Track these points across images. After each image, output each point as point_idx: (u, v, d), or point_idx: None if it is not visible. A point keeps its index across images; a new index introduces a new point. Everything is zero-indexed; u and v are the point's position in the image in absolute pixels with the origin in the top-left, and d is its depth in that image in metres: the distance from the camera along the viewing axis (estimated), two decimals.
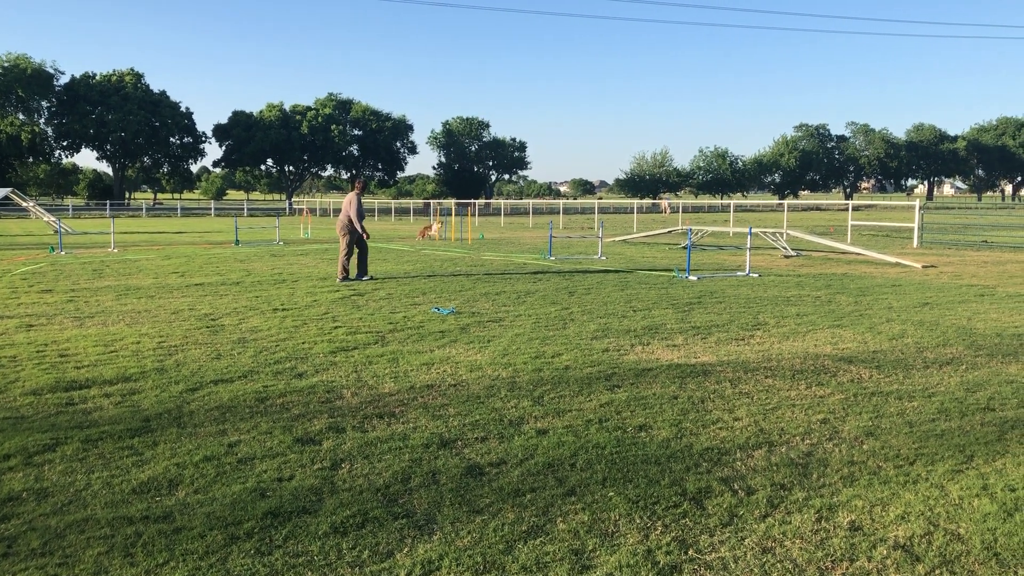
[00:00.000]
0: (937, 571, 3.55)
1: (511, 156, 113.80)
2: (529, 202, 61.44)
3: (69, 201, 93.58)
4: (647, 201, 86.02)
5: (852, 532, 3.93)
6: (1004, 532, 3.92)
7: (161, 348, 8.44)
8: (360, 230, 15.15)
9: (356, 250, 15.29)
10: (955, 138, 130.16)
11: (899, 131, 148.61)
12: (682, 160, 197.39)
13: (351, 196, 15.40)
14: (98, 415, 5.93)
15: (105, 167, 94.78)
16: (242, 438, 5.39)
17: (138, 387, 6.76)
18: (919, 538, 3.86)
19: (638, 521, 4.06)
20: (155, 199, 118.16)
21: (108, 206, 73.88)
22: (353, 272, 15.21)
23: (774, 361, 7.80)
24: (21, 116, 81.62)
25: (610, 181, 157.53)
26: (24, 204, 42.07)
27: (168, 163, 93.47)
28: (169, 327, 9.75)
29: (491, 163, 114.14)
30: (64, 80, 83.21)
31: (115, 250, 23.62)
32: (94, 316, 10.63)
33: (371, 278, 15.27)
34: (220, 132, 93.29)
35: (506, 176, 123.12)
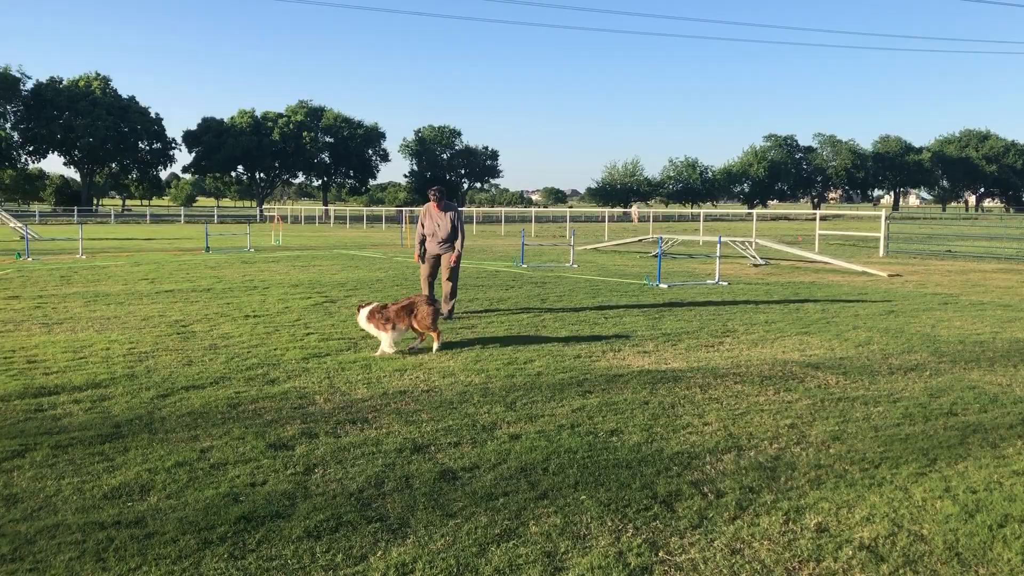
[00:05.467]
0: (901, 571, 3.63)
1: (483, 164, 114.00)
2: (501, 210, 61.54)
3: (36, 207, 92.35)
4: (618, 210, 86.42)
5: (819, 533, 4.01)
6: (965, 533, 4.01)
7: (131, 354, 8.38)
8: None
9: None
10: (920, 150, 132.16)
11: (866, 142, 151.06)
12: (653, 170, 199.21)
13: (445, 205, 11.00)
14: (67, 421, 5.88)
15: (72, 173, 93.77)
16: (214, 444, 5.37)
17: (108, 393, 6.71)
18: (884, 539, 3.95)
19: (610, 524, 4.11)
20: (124, 205, 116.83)
21: (76, 212, 72.95)
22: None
23: (743, 367, 7.90)
24: None
25: (582, 190, 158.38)
26: None
27: (137, 169, 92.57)
28: (139, 333, 9.68)
29: (463, 171, 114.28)
30: (30, 85, 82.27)
31: (83, 256, 23.35)
32: (62, 322, 10.52)
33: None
34: (190, 138, 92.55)
35: (478, 184, 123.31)
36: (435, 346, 8.63)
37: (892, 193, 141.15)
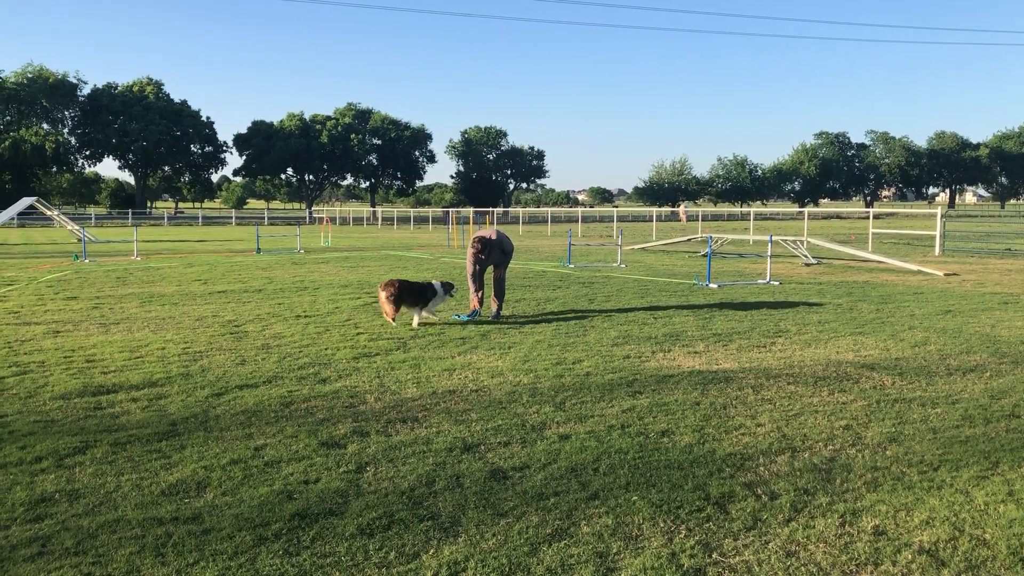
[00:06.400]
0: None
1: (529, 164, 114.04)
2: (547, 210, 61.53)
3: (92, 210, 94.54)
4: (666, 209, 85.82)
5: (876, 536, 3.94)
6: None
7: (186, 354, 8.54)
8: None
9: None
10: (977, 146, 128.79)
11: (920, 139, 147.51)
12: (701, 168, 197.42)
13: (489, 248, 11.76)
14: (126, 419, 6.01)
15: (127, 176, 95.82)
16: (268, 442, 5.45)
17: (164, 392, 6.84)
18: (944, 543, 3.86)
19: (662, 525, 4.08)
20: (176, 208, 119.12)
21: (130, 215, 74.61)
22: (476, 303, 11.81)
23: (796, 368, 7.79)
24: (45, 126, 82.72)
25: (628, 189, 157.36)
26: (48, 213, 42.58)
27: (189, 172, 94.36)
28: (193, 333, 9.86)
29: (509, 172, 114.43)
30: (87, 90, 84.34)
31: (138, 258, 23.86)
32: (119, 323, 10.75)
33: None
34: (240, 141, 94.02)
35: (524, 184, 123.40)
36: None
37: (948, 191, 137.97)
